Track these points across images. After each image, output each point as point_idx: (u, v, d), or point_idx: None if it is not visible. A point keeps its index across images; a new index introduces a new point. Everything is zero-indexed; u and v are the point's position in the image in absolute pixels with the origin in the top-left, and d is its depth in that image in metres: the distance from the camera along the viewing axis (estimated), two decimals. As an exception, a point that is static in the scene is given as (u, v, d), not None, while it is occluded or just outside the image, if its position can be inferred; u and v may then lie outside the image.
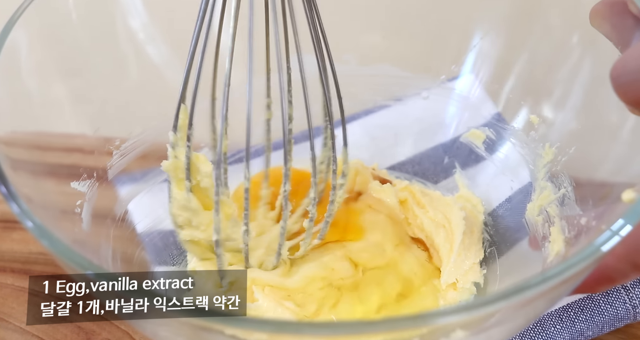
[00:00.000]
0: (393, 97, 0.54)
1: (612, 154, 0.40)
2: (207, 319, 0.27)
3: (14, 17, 0.38)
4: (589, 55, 0.40)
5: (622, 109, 0.32)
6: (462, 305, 0.27)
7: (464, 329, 0.30)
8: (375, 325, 0.27)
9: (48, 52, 0.42)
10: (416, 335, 0.29)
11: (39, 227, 0.29)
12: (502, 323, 0.31)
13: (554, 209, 0.44)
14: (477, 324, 0.30)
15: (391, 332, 0.27)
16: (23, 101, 0.40)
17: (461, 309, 0.27)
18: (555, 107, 0.46)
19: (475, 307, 0.27)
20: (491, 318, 0.30)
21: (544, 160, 0.46)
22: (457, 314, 0.27)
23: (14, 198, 0.30)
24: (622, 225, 0.29)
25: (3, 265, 0.51)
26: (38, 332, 0.47)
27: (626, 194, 0.32)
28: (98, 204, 0.43)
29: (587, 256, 0.29)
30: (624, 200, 0.32)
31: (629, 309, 0.44)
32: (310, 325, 0.28)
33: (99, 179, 0.44)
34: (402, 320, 0.27)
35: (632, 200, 0.31)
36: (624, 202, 0.32)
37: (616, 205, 0.33)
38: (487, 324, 0.31)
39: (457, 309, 0.27)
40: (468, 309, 0.27)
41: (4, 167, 0.31)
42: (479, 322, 0.30)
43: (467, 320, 0.29)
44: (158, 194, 0.48)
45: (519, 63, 0.49)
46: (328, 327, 0.28)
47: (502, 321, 0.31)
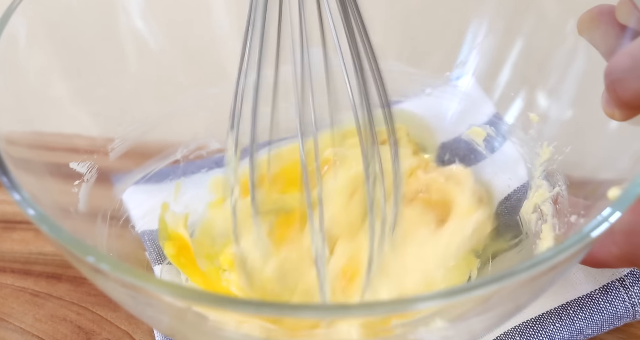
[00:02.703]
0: (396, 93, 0.55)
1: (600, 150, 0.41)
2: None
3: (12, 5, 0.39)
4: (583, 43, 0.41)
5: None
6: (443, 291, 0.28)
7: (444, 316, 0.31)
8: (350, 310, 0.28)
9: (48, 40, 0.44)
10: (395, 322, 0.30)
11: (41, 214, 0.30)
12: (484, 312, 0.32)
13: (547, 207, 0.45)
14: (458, 312, 0.31)
15: (368, 317, 0.28)
16: (20, 90, 0.41)
17: (442, 294, 0.28)
18: (551, 99, 0.48)
19: (456, 292, 0.27)
20: (473, 306, 0.30)
21: (542, 159, 0.48)
22: (438, 300, 0.27)
23: (15, 188, 0.31)
24: (611, 213, 0.30)
25: (3, 265, 0.52)
26: (38, 332, 0.48)
27: (612, 192, 0.33)
28: (94, 202, 0.45)
29: (575, 242, 0.29)
30: (609, 198, 0.33)
31: (628, 308, 0.45)
32: (288, 307, 0.29)
33: (98, 172, 0.46)
34: (379, 306, 0.28)
35: (617, 198, 0.32)
36: (610, 200, 0.33)
37: (603, 203, 0.33)
38: (468, 312, 0.31)
39: (438, 295, 0.28)
40: (449, 294, 0.27)
41: (4, 157, 0.33)
42: (460, 310, 0.31)
43: (453, 306, 0.29)
44: (157, 193, 0.50)
45: (517, 59, 0.50)
46: (304, 309, 0.29)
47: (484, 310, 0.32)
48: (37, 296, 0.50)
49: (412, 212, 0.48)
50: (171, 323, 0.36)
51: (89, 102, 0.47)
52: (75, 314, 0.49)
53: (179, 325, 0.35)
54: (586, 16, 0.38)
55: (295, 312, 0.29)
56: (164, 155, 0.52)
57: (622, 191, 0.31)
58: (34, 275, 0.51)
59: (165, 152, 0.52)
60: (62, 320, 0.49)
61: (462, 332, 0.34)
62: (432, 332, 0.32)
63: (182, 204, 0.51)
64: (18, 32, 0.40)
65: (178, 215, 0.49)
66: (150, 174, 0.51)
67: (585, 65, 0.44)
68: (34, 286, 0.51)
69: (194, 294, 0.29)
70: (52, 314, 0.49)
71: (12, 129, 0.38)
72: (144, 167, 0.51)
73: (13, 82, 0.40)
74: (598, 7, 0.38)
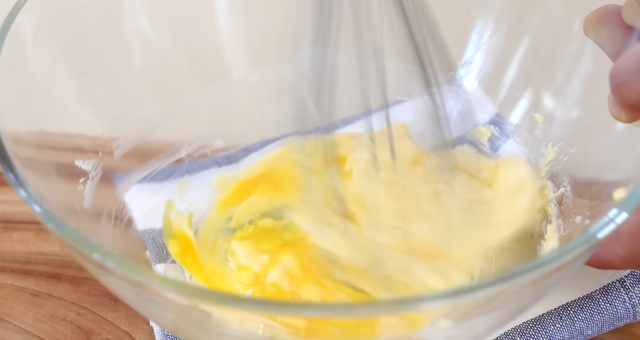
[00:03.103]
0: (402, 92, 0.55)
1: (606, 151, 0.41)
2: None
3: (18, 4, 0.39)
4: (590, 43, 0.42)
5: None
6: (447, 291, 0.27)
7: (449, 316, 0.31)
8: (354, 309, 0.28)
9: (53, 40, 0.44)
10: (399, 322, 0.30)
11: (47, 211, 0.30)
12: (488, 312, 0.32)
13: (552, 207, 0.45)
14: (462, 312, 0.31)
15: (371, 317, 0.28)
16: (26, 89, 0.42)
17: (447, 294, 0.27)
18: (556, 99, 0.48)
19: (461, 293, 0.27)
20: (477, 306, 0.30)
21: (546, 160, 0.48)
22: (442, 300, 0.27)
23: (22, 184, 0.31)
24: (617, 214, 0.30)
25: (3, 265, 0.52)
26: (38, 332, 0.48)
27: (618, 193, 0.33)
28: (99, 200, 0.45)
29: (581, 243, 0.29)
30: (615, 199, 0.33)
31: (629, 308, 0.45)
32: (285, 306, 0.29)
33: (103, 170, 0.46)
34: (380, 305, 0.28)
35: (623, 199, 0.32)
36: (616, 201, 0.33)
37: (609, 204, 0.33)
38: (472, 312, 0.31)
39: (443, 295, 0.28)
40: (454, 294, 0.27)
41: (10, 154, 0.33)
42: (464, 310, 0.31)
43: (458, 306, 0.29)
44: (161, 192, 0.50)
45: (522, 59, 0.50)
46: (304, 308, 0.29)
47: (488, 310, 0.32)
48: (37, 296, 0.50)
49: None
50: (175, 320, 0.36)
51: (93, 101, 0.47)
52: (75, 314, 0.49)
53: (182, 322, 0.35)
54: (592, 16, 0.39)
55: (298, 311, 0.29)
56: (168, 153, 0.52)
57: (628, 192, 0.31)
58: (34, 275, 0.51)
59: (170, 150, 0.52)
60: (62, 320, 0.49)
61: (466, 332, 0.34)
62: (436, 332, 0.33)
63: (186, 202, 0.51)
64: (24, 31, 0.40)
65: (182, 214, 0.49)
66: (154, 172, 0.51)
67: (591, 66, 0.44)
68: (34, 286, 0.51)
69: (197, 291, 0.30)
70: (52, 314, 0.49)
71: (18, 128, 0.38)
72: (148, 166, 0.51)
73: (19, 82, 0.40)
74: (604, 8, 0.38)
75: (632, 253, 0.38)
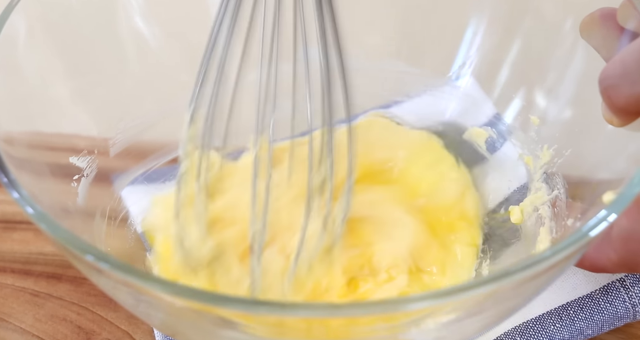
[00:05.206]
0: (400, 93, 0.56)
1: (597, 150, 0.41)
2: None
3: (11, 3, 0.39)
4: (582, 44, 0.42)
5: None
6: (436, 292, 0.28)
7: (454, 312, 0.31)
8: (341, 309, 0.28)
9: (47, 39, 0.44)
10: (385, 322, 0.30)
11: (39, 212, 0.31)
12: (477, 313, 0.32)
13: (545, 210, 0.46)
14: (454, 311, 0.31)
15: (355, 318, 0.28)
16: (19, 89, 0.42)
17: (435, 295, 0.28)
18: (549, 99, 0.48)
19: (450, 293, 0.28)
20: (467, 306, 0.31)
21: (542, 162, 0.48)
22: (430, 300, 0.27)
23: (14, 186, 0.32)
24: (608, 213, 0.31)
25: (3, 265, 0.52)
26: (38, 332, 0.48)
27: (606, 196, 0.33)
28: (93, 199, 0.45)
29: (573, 242, 0.30)
30: (604, 202, 0.33)
31: (629, 308, 0.45)
32: (272, 306, 0.29)
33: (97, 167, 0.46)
34: (369, 306, 0.28)
35: (612, 202, 0.32)
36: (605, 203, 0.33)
37: (600, 205, 0.33)
38: (461, 313, 0.31)
39: (431, 296, 0.28)
40: (442, 295, 0.28)
41: (3, 156, 0.33)
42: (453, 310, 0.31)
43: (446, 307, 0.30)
44: (156, 191, 0.50)
45: (515, 59, 0.50)
46: (297, 308, 0.29)
47: (477, 311, 0.32)
48: (37, 296, 0.50)
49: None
50: (170, 321, 0.36)
51: (88, 100, 0.47)
52: (75, 314, 0.49)
53: (178, 324, 0.35)
54: (588, 19, 0.39)
55: (288, 312, 0.29)
56: (163, 152, 0.52)
57: (619, 192, 0.31)
58: (34, 275, 0.52)
59: (164, 150, 0.52)
60: (62, 320, 0.49)
61: (455, 333, 0.34)
62: (424, 332, 0.33)
63: None
64: (17, 30, 0.40)
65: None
66: (149, 171, 0.52)
67: (583, 66, 0.44)
68: (34, 286, 0.51)
69: (191, 292, 0.30)
70: (52, 314, 0.49)
71: (11, 129, 0.39)
72: (143, 165, 0.51)
73: (12, 81, 0.40)
74: (600, 10, 0.39)
75: (624, 257, 0.38)
